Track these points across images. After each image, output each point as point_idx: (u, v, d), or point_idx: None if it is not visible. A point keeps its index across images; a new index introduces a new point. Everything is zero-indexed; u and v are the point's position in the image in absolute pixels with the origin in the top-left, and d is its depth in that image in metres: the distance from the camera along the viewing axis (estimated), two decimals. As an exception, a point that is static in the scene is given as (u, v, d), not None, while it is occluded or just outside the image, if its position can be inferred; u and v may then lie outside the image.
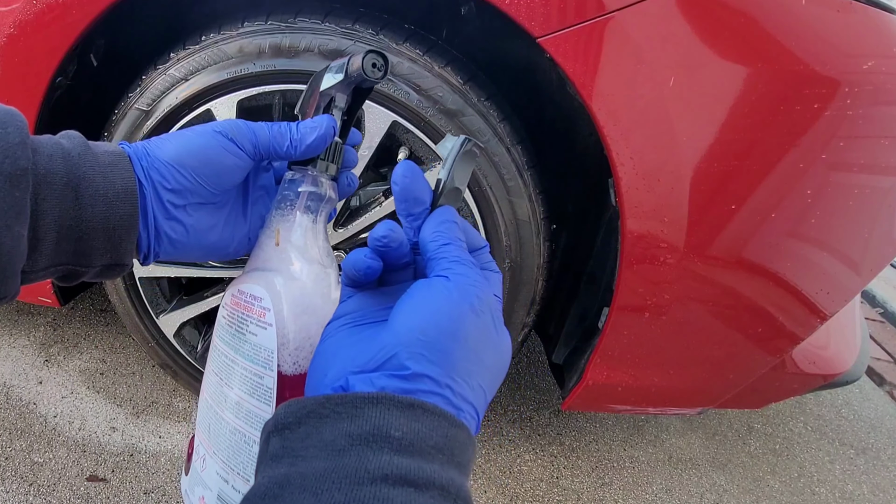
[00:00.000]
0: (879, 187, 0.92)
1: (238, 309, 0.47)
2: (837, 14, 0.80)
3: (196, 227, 0.47)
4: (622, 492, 1.34)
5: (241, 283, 0.47)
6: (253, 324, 0.45)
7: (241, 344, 0.46)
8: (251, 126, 0.47)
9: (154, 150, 0.45)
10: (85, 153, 0.41)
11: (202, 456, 0.48)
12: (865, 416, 1.76)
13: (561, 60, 0.83)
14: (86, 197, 0.40)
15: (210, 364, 0.49)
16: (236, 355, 0.46)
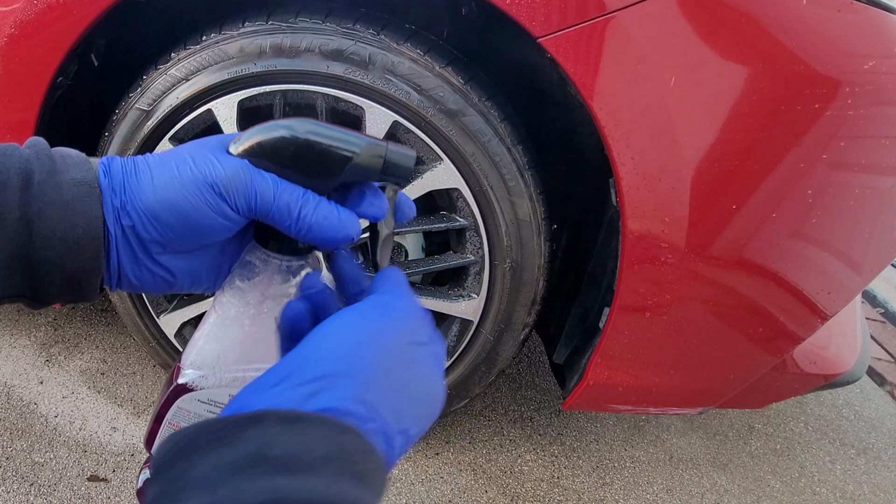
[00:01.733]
0: (880, 187, 0.92)
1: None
2: (838, 14, 0.80)
3: (166, 276, 0.40)
4: (623, 492, 1.34)
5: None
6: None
7: None
8: (255, 183, 0.37)
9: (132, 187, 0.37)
10: (46, 181, 0.35)
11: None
12: (866, 417, 1.76)
13: (562, 60, 0.83)
14: (39, 239, 0.35)
15: None
16: None
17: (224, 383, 0.43)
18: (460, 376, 1.17)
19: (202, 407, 0.44)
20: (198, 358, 0.44)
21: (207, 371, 0.43)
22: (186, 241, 0.39)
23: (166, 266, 0.40)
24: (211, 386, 0.43)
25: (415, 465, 1.32)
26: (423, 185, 1.01)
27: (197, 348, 0.44)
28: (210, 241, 0.39)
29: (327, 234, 0.38)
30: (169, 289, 0.42)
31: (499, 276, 1.05)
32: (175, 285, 0.41)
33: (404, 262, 1.18)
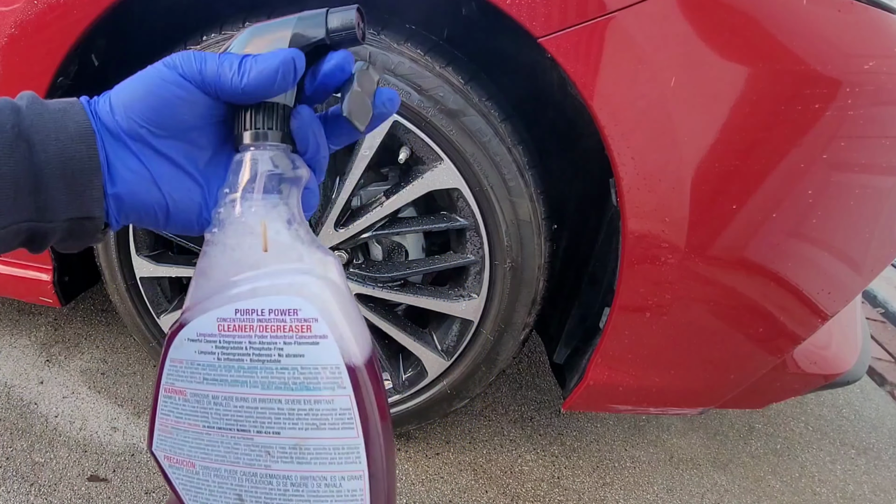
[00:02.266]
0: (880, 187, 0.92)
1: (250, 333, 0.37)
2: (838, 14, 0.80)
3: (159, 173, 0.41)
4: (623, 492, 1.34)
5: (239, 301, 0.37)
6: (291, 344, 0.37)
7: (272, 373, 0.37)
8: (201, 54, 0.41)
9: (104, 96, 0.41)
10: (34, 103, 0.39)
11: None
12: (866, 417, 1.76)
13: (562, 60, 0.83)
14: (37, 143, 0.37)
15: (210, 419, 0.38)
16: (270, 391, 0.37)
17: (210, 306, 0.38)
18: (461, 376, 1.17)
19: (193, 348, 0.38)
20: (188, 297, 0.40)
21: (194, 301, 0.39)
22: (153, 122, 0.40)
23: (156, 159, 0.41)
24: (197, 315, 0.38)
25: (415, 466, 1.32)
26: (423, 186, 1.01)
27: (189, 289, 0.41)
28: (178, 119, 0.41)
29: (266, 68, 0.39)
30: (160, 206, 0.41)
31: (499, 277, 1.05)
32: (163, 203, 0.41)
33: (405, 261, 1.18)
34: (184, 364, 0.38)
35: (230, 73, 0.39)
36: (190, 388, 0.38)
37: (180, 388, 0.39)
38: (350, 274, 1.13)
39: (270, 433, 0.37)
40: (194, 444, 0.39)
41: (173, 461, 0.40)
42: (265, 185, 0.39)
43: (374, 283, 1.12)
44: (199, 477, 0.39)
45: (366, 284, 1.12)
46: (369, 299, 1.15)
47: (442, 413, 1.26)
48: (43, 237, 0.39)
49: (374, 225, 1.06)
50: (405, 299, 1.14)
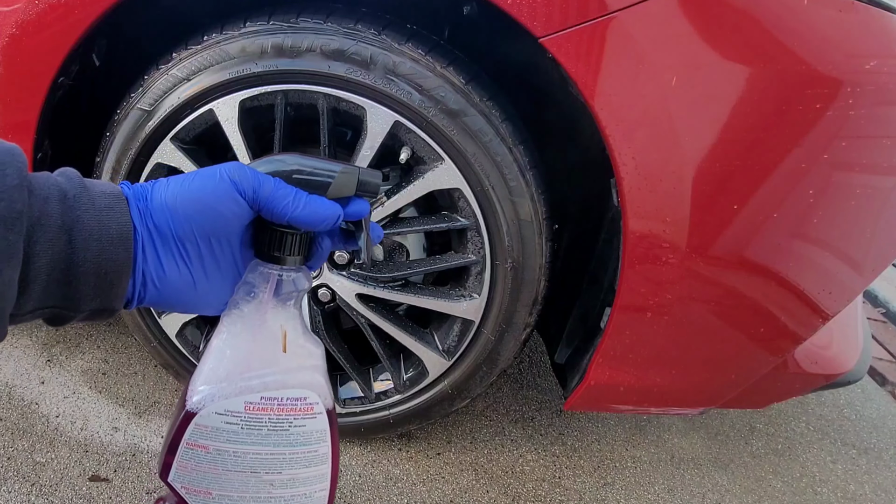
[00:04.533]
0: (881, 187, 0.92)
1: (270, 413, 0.49)
2: (839, 14, 0.80)
3: (185, 279, 0.46)
4: (624, 492, 1.34)
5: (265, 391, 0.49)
6: (298, 419, 0.50)
7: (283, 438, 0.50)
8: (259, 176, 0.46)
9: (155, 192, 0.44)
10: (81, 194, 0.41)
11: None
12: (867, 416, 1.76)
13: (563, 60, 0.83)
14: (79, 241, 0.39)
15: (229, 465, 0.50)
16: (277, 447, 0.50)
17: (237, 392, 0.48)
18: (462, 376, 1.17)
19: (219, 419, 0.48)
20: (211, 374, 0.49)
21: (222, 383, 0.49)
22: (202, 230, 0.45)
23: (186, 267, 0.46)
24: (227, 396, 0.48)
25: (416, 466, 1.32)
26: (424, 186, 1.01)
27: (209, 366, 0.49)
28: (223, 230, 0.46)
29: (317, 213, 0.46)
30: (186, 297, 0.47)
31: (500, 276, 1.05)
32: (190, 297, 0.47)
33: (406, 261, 1.18)
34: (209, 429, 0.49)
35: (285, 203, 0.45)
36: (213, 445, 0.49)
37: (204, 445, 0.49)
38: (351, 274, 1.13)
39: (275, 473, 0.51)
40: (212, 480, 0.50)
41: (191, 490, 0.50)
42: (286, 297, 0.50)
43: (375, 282, 1.12)
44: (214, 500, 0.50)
45: (367, 284, 1.12)
46: (370, 299, 1.15)
47: (443, 413, 1.26)
48: (63, 320, 0.42)
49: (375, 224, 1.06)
50: (406, 299, 1.14)
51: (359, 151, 0.99)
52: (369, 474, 1.28)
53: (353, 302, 1.14)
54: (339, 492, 1.23)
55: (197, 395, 0.48)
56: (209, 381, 0.49)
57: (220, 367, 0.49)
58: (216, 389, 0.48)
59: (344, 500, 1.22)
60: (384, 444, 1.36)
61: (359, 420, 1.27)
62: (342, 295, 1.14)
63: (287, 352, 0.50)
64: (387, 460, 1.32)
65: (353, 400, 1.27)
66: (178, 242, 0.44)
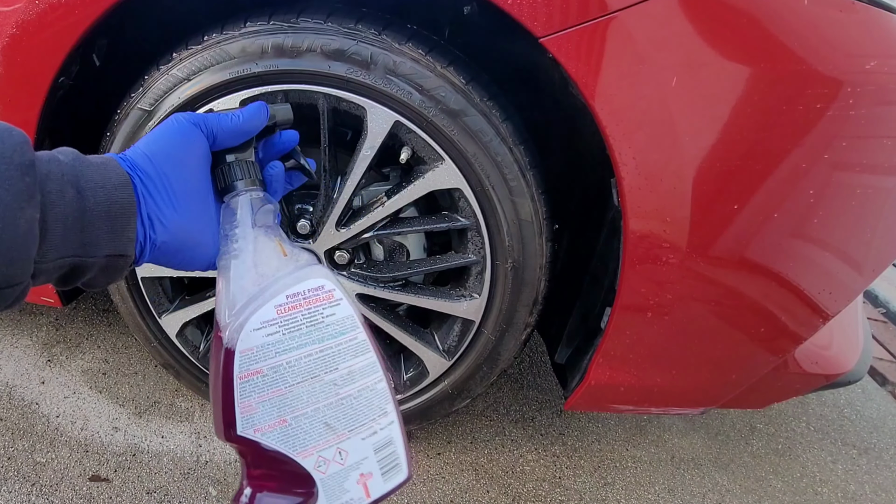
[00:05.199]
0: (882, 187, 0.92)
1: (301, 308, 0.51)
2: (840, 14, 0.80)
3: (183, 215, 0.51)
4: (625, 492, 1.34)
5: (288, 289, 0.51)
6: (326, 308, 0.53)
7: (322, 331, 0.52)
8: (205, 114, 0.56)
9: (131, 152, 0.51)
10: (77, 158, 0.46)
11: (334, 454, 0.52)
12: (868, 416, 1.76)
13: (563, 60, 0.83)
14: (87, 190, 0.44)
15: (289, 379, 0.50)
16: (323, 342, 0.52)
17: (264, 302, 0.50)
18: (462, 376, 1.17)
19: (260, 335, 0.49)
20: (228, 306, 0.51)
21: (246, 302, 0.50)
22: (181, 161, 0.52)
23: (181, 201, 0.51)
24: (256, 309, 0.50)
25: (416, 465, 1.32)
26: (424, 186, 1.01)
27: (222, 303, 0.52)
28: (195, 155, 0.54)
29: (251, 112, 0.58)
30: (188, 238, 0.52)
31: (500, 277, 1.05)
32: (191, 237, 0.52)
33: (406, 261, 1.18)
34: (254, 350, 0.49)
35: (228, 117, 0.56)
36: (266, 365, 0.49)
37: (257, 369, 0.49)
38: (351, 274, 1.13)
39: (332, 370, 0.52)
40: (281, 405, 0.49)
41: (265, 429, 0.49)
42: (262, 217, 0.54)
43: (376, 282, 1.12)
44: (292, 427, 0.50)
45: (367, 284, 1.12)
46: (371, 299, 1.15)
47: (443, 413, 1.26)
48: (82, 272, 0.46)
49: (375, 225, 1.06)
50: (406, 299, 1.14)
51: (359, 151, 0.99)
52: (369, 474, 1.28)
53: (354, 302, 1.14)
54: (340, 492, 1.23)
55: (228, 329, 0.49)
56: (229, 312, 0.50)
57: (233, 297, 0.51)
58: (243, 312, 0.50)
59: (344, 500, 1.21)
60: (384, 444, 1.36)
61: (359, 420, 1.27)
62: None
63: (287, 255, 0.54)
64: (387, 460, 1.32)
65: (353, 400, 1.27)
66: (166, 181, 0.50)
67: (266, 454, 0.49)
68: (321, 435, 0.51)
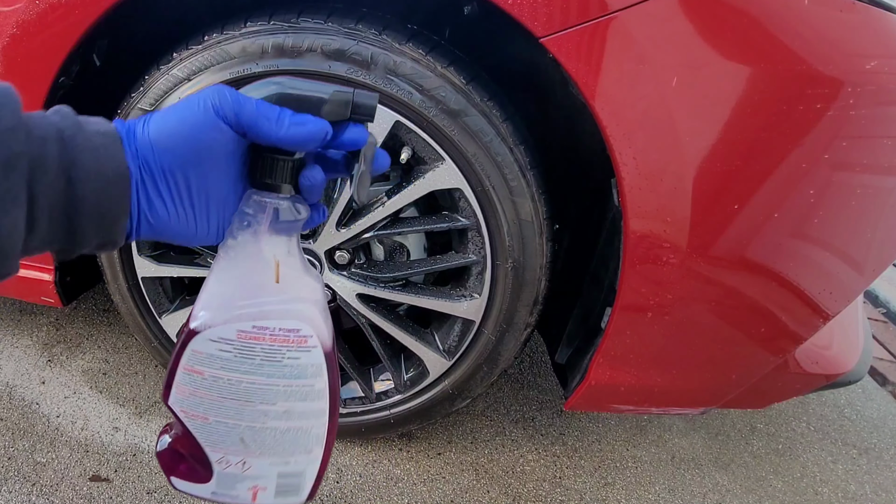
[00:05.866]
0: (882, 187, 0.92)
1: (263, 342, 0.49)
2: (840, 14, 0.80)
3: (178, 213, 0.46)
4: (625, 492, 1.34)
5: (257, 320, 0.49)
6: (291, 350, 0.50)
7: (276, 369, 0.50)
8: (238, 96, 0.45)
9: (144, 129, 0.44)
10: (76, 134, 0.41)
11: (238, 461, 0.52)
12: (868, 416, 1.76)
13: (564, 60, 0.83)
14: (78, 182, 0.40)
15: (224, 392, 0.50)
16: (270, 378, 0.50)
17: (231, 319, 0.49)
18: (462, 376, 1.17)
19: (213, 346, 0.48)
20: (207, 300, 0.49)
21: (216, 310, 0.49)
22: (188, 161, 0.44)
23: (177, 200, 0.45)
24: (220, 324, 0.48)
25: (417, 466, 1.32)
26: (425, 186, 1.01)
27: (206, 293, 0.50)
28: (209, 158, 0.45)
29: (302, 131, 0.45)
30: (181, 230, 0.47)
31: (501, 277, 1.05)
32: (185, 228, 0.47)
33: (406, 261, 1.18)
34: (204, 355, 0.49)
35: (268, 122, 0.44)
36: (208, 371, 0.49)
37: (199, 370, 0.49)
38: (352, 274, 1.13)
39: (269, 404, 0.50)
40: (209, 406, 0.50)
41: (189, 415, 0.51)
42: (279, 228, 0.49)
43: (376, 283, 1.12)
44: (211, 426, 0.51)
45: (367, 284, 1.12)
46: (371, 299, 1.15)
47: (444, 413, 1.26)
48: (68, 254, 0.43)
49: (375, 225, 1.06)
50: (407, 299, 1.14)
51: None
52: (370, 474, 1.28)
53: (354, 302, 1.14)
54: (340, 491, 1.23)
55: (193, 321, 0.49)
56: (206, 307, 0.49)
57: (214, 296, 0.49)
58: (210, 316, 0.49)
59: (345, 499, 1.22)
60: (385, 444, 1.36)
61: (359, 420, 1.27)
62: (343, 295, 1.14)
63: (280, 283, 0.50)
64: (387, 460, 1.32)
65: (353, 400, 1.27)
66: (166, 177, 0.44)
67: (185, 429, 0.52)
68: (234, 444, 0.52)
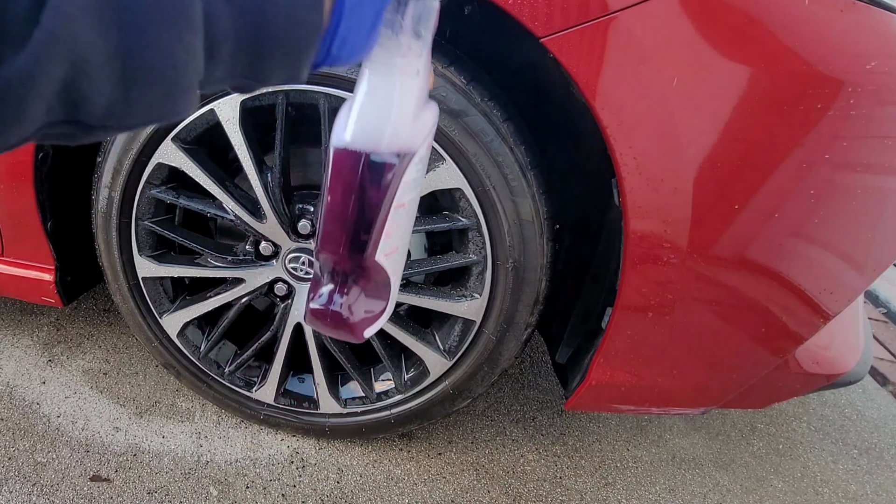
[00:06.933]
0: (883, 187, 0.92)
1: (426, 148, 0.52)
2: (840, 14, 0.80)
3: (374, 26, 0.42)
4: (625, 492, 1.34)
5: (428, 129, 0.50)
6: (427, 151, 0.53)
7: (422, 170, 0.52)
8: None
9: None
10: None
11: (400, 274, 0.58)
12: (869, 416, 1.76)
13: (564, 60, 0.83)
14: (268, 4, 0.35)
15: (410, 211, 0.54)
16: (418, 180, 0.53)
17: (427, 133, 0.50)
18: (463, 376, 1.17)
19: (415, 169, 0.50)
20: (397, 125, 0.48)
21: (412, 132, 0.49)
22: None
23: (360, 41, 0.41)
24: (420, 142, 0.49)
25: (417, 465, 1.32)
26: (425, 185, 1.01)
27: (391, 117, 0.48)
28: None
29: None
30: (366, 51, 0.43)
31: (501, 277, 1.05)
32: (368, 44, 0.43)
33: (407, 261, 1.18)
34: (409, 183, 0.50)
35: None
36: (408, 198, 0.52)
37: (403, 202, 0.51)
38: (352, 274, 1.13)
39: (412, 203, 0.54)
40: (403, 233, 0.54)
41: (390, 254, 0.53)
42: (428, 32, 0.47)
43: (377, 283, 1.12)
44: (399, 255, 0.55)
45: (368, 284, 1.12)
46: (371, 299, 1.15)
47: (444, 413, 1.26)
48: (248, 89, 0.39)
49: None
50: (407, 299, 1.14)
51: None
52: (371, 474, 1.28)
53: (355, 302, 1.14)
54: (340, 491, 1.23)
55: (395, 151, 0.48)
56: (398, 134, 0.48)
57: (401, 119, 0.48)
58: (410, 142, 0.48)
59: (345, 499, 1.22)
60: (385, 444, 1.36)
61: (360, 420, 1.27)
62: (343, 295, 1.14)
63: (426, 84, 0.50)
64: (388, 460, 1.32)
65: (354, 400, 1.27)
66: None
67: (377, 275, 0.54)
68: (403, 260, 0.56)
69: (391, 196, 0.49)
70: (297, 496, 1.21)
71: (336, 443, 1.35)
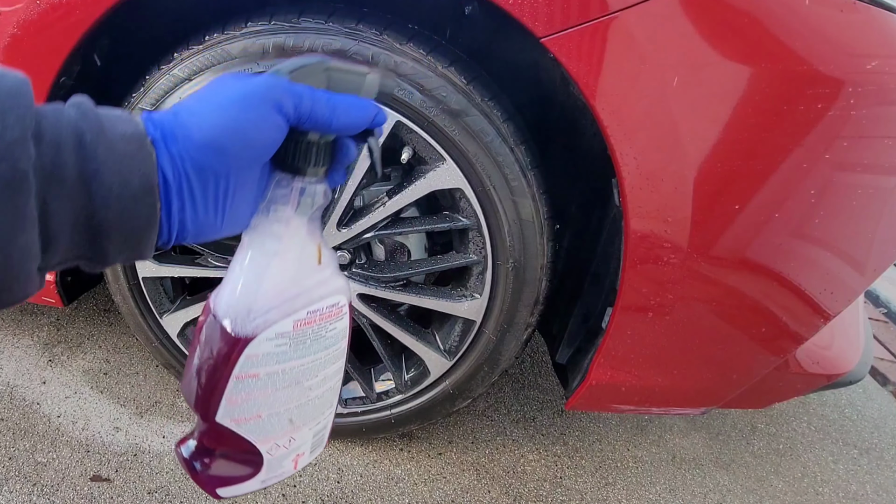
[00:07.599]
0: (883, 187, 0.92)
1: (314, 325, 0.51)
2: (841, 14, 0.80)
3: (220, 215, 0.42)
4: (626, 492, 1.34)
5: (311, 305, 0.50)
6: (332, 323, 0.52)
7: (321, 343, 0.52)
8: (291, 87, 0.42)
9: (185, 129, 0.39)
10: (98, 139, 0.36)
11: (285, 441, 0.54)
12: (869, 416, 1.76)
13: (564, 60, 0.83)
14: (98, 198, 0.35)
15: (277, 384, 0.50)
16: (316, 354, 0.52)
17: (289, 313, 0.49)
18: (463, 376, 1.17)
19: (270, 345, 0.48)
20: (253, 300, 0.48)
21: (271, 311, 0.48)
22: (243, 162, 0.41)
23: (223, 202, 0.42)
24: (278, 320, 0.48)
25: (417, 465, 1.32)
26: (426, 186, 1.01)
27: (245, 293, 0.48)
28: (262, 156, 0.42)
29: (357, 116, 0.44)
30: (216, 229, 0.43)
31: (501, 277, 1.05)
32: (219, 226, 0.43)
33: (407, 261, 1.18)
34: (260, 356, 0.49)
35: (323, 110, 0.42)
36: (263, 371, 0.49)
37: (254, 373, 0.49)
38: (352, 274, 1.13)
39: (312, 377, 0.53)
40: (262, 404, 0.51)
41: (241, 421, 0.51)
42: (315, 210, 0.49)
43: (377, 282, 1.12)
44: (263, 422, 0.52)
45: (368, 284, 1.12)
46: (372, 299, 1.15)
47: (444, 413, 1.26)
48: (94, 269, 0.40)
49: (376, 225, 1.06)
50: (408, 299, 1.14)
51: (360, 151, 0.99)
52: (371, 474, 1.28)
53: (355, 302, 1.14)
54: (341, 491, 1.23)
55: (243, 327, 0.47)
56: (253, 310, 0.48)
57: (262, 294, 0.48)
58: (264, 317, 0.48)
59: (345, 499, 1.22)
60: (386, 444, 1.36)
61: (360, 420, 1.27)
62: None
63: (321, 263, 0.51)
64: (388, 460, 1.32)
65: (354, 400, 1.27)
66: (214, 181, 0.40)
67: (232, 436, 0.52)
68: (283, 428, 0.53)
69: (231, 365, 0.48)
70: (297, 496, 1.21)
71: (336, 443, 1.35)
